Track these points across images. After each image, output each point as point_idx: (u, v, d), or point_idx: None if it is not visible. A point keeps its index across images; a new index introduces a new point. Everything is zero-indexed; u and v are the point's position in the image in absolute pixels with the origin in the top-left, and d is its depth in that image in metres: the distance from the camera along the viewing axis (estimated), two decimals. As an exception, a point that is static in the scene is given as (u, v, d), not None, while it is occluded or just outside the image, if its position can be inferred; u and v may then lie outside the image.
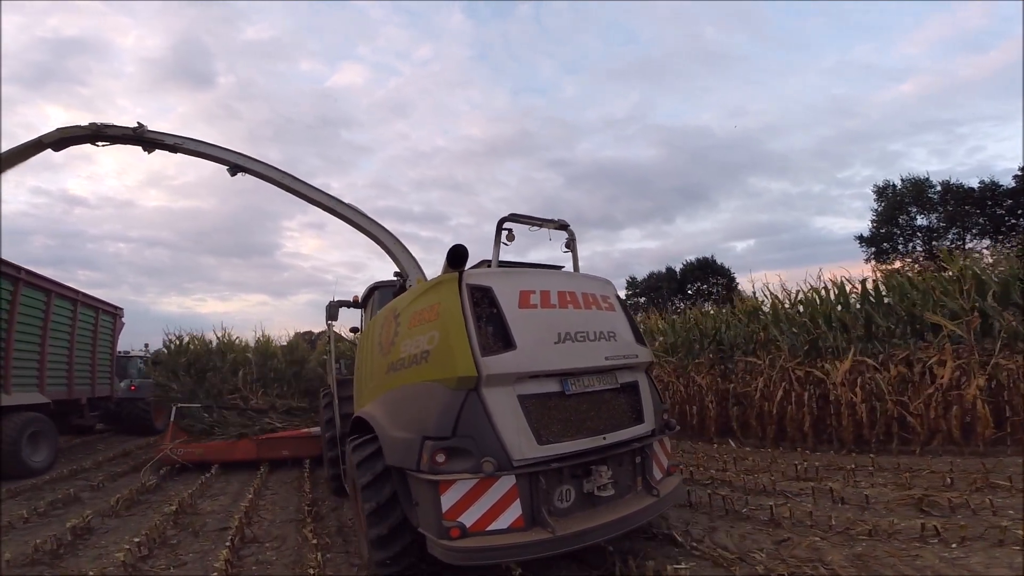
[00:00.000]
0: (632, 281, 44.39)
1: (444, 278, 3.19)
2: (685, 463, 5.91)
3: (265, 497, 5.78)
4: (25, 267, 7.64)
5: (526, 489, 2.75)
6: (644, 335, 4.08)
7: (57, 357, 8.50)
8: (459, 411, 2.72)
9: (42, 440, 7.54)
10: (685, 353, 8.99)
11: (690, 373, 8.46)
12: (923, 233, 31.79)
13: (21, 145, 5.86)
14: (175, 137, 5.99)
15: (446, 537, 2.59)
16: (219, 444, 7.38)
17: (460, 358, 2.78)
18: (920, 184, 31.70)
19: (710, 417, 7.90)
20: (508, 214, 3.74)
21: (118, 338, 10.81)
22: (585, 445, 2.92)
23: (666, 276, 43.37)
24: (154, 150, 6.06)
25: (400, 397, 3.21)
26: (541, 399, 2.91)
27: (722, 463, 5.98)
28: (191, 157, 6.10)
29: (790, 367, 6.97)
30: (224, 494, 6.00)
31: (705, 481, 5.18)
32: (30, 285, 7.78)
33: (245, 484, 6.34)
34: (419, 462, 2.69)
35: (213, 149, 6.00)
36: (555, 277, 3.54)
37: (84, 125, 5.86)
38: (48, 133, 5.85)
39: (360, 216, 5.67)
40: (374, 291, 6.45)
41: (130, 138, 5.94)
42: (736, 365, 8.09)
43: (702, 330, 9.02)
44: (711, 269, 42.37)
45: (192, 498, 5.51)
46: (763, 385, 7.18)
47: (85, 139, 5.97)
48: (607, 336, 3.26)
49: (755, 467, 5.68)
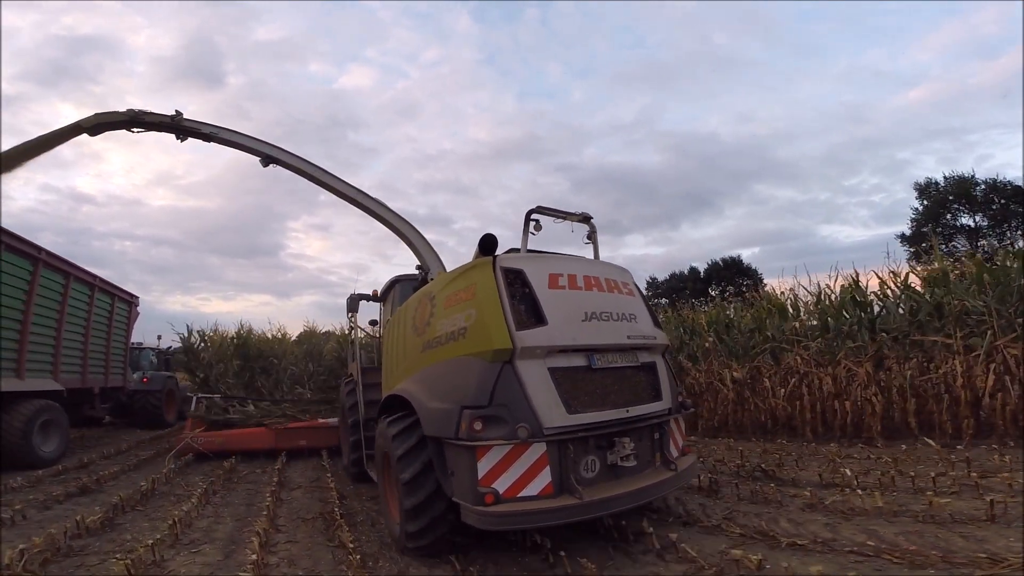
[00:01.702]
0: (652, 282, 44.69)
1: (479, 262, 3.64)
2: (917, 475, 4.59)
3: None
4: (44, 248, 7.82)
5: (555, 457, 3.19)
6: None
7: (72, 343, 8.85)
8: (495, 382, 3.17)
9: (53, 430, 7.63)
10: (834, 338, 7.89)
11: (840, 362, 7.41)
12: (966, 233, 31.80)
13: (59, 129, 6.34)
14: (211, 126, 6.46)
15: (481, 503, 3.01)
16: (238, 433, 7.96)
17: (496, 332, 3.22)
18: (965, 182, 31.71)
19: (872, 414, 6.83)
20: (535, 206, 4.18)
21: (133, 327, 11.31)
22: (610, 416, 3.37)
23: (689, 276, 43.50)
24: (187, 138, 6.54)
25: (437, 372, 3.66)
26: (570, 372, 3.35)
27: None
28: (224, 147, 6.56)
29: (1000, 344, 5.98)
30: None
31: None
32: (49, 267, 7.99)
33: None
34: (457, 430, 3.13)
35: (247, 140, 6.47)
36: (580, 263, 3.99)
37: (122, 111, 6.32)
38: (86, 117, 6.31)
39: (386, 210, 6.16)
40: (395, 284, 6.94)
41: (166, 125, 6.41)
42: (905, 349, 7.08)
43: (859, 308, 7.84)
44: (737, 269, 42.34)
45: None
46: (962, 369, 6.18)
47: (121, 125, 6.43)
48: (628, 317, 3.72)
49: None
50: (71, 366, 8.86)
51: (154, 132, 6.67)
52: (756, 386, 8.44)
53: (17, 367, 7.33)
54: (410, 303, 4.64)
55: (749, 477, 5.27)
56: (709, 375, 9.22)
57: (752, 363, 8.70)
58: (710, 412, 9.09)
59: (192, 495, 5.34)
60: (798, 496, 4.40)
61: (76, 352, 9.07)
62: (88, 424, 10.96)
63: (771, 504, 4.34)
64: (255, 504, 5.20)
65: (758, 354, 8.77)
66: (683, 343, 10.41)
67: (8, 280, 7.15)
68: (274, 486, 5.67)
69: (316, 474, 6.73)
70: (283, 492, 5.68)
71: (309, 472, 6.92)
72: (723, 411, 8.82)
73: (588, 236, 4.52)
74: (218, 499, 5.49)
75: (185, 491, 5.81)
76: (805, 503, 4.21)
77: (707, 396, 9.18)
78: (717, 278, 42.58)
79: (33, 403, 7.31)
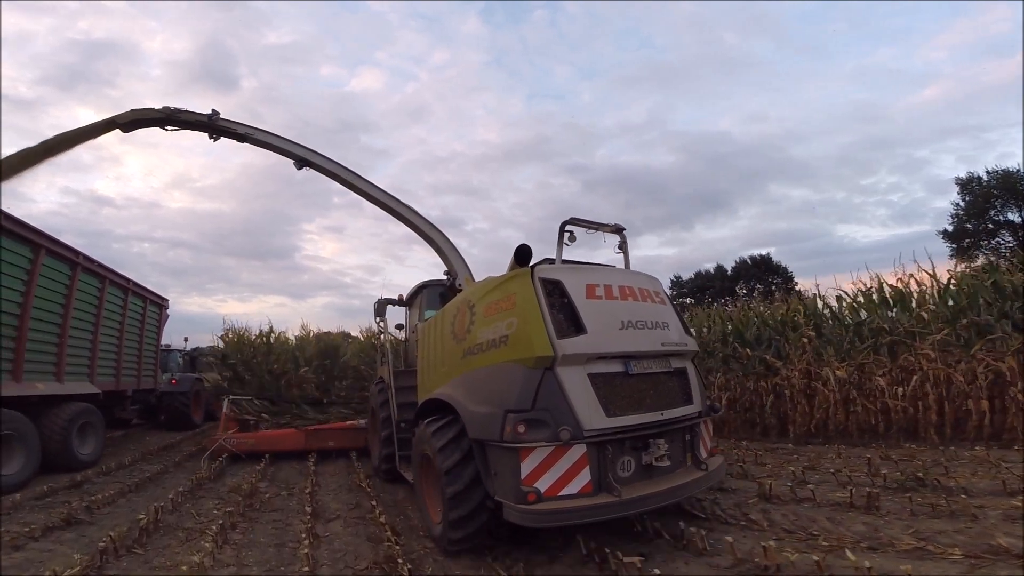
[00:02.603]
0: (677, 280, 44.55)
1: (517, 272, 3.97)
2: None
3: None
4: (82, 252, 8.13)
5: (594, 457, 3.50)
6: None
7: (108, 346, 9.36)
8: (537, 387, 3.49)
9: (91, 432, 7.93)
10: (965, 330, 7.33)
11: (975, 356, 6.90)
12: (1009, 229, 31.28)
13: (94, 123, 6.65)
14: (247, 127, 6.81)
15: (524, 502, 3.32)
16: (270, 434, 8.45)
17: (537, 340, 3.54)
18: (1010, 176, 31.19)
19: (1017, 413, 6.37)
20: (569, 218, 4.48)
21: (163, 330, 11.88)
22: (646, 419, 3.68)
23: (716, 275, 43.18)
24: (220, 138, 6.89)
25: (479, 377, 4.00)
26: (608, 378, 3.66)
27: None
28: (260, 148, 6.88)
29: None
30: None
31: None
32: (87, 271, 8.36)
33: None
34: (502, 433, 3.44)
35: (282, 141, 6.81)
36: (614, 273, 4.31)
37: (158, 108, 6.61)
38: (122, 113, 6.59)
39: (416, 216, 6.52)
40: (422, 290, 7.31)
41: (202, 124, 6.72)
42: None
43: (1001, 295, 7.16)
44: (767, 267, 41.74)
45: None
46: None
47: (156, 122, 6.73)
48: (661, 326, 4.03)
49: None
50: (106, 369, 9.31)
51: (187, 131, 6.93)
52: (864, 385, 7.79)
53: (56, 370, 7.69)
54: (447, 310, 4.98)
55: (900, 488, 4.81)
56: (804, 375, 8.41)
57: (858, 360, 8.01)
58: (804, 416, 8.36)
59: (206, 530, 4.49)
60: (988, 507, 4.05)
61: (111, 355, 9.54)
62: (116, 426, 11.22)
63: (964, 518, 3.88)
64: (286, 544, 4.34)
65: (866, 350, 8.07)
66: (768, 340, 9.49)
67: (47, 284, 7.49)
68: (307, 517, 4.87)
69: (354, 497, 5.88)
70: (319, 524, 4.85)
71: (344, 495, 6.07)
72: (821, 414, 8.14)
73: (619, 246, 4.82)
74: (239, 536, 4.56)
75: (197, 523, 4.93)
76: (1003, 514, 3.88)
77: (799, 399, 8.45)
78: (745, 276, 42.29)
79: (72, 406, 7.62)
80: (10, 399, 6.52)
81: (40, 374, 7.35)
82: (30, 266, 7.04)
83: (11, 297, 6.74)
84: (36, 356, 7.27)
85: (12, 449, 6.36)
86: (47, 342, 7.57)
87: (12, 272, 6.73)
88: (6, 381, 6.59)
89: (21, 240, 6.82)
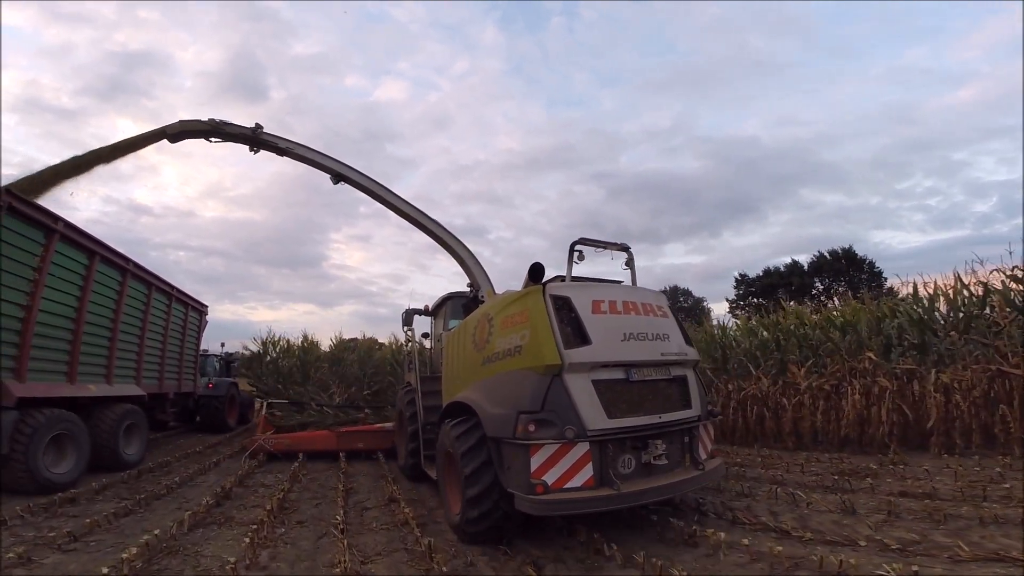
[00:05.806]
0: (742, 278, 43.41)
1: (530, 290, 4.76)
2: None
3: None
4: (132, 259, 8.98)
5: (597, 454, 4.23)
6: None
7: (152, 350, 10.45)
8: (546, 391, 4.25)
9: (135, 433, 8.70)
10: None
11: None
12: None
13: (145, 133, 7.65)
14: (288, 141, 7.75)
15: (533, 492, 4.06)
16: (304, 435, 9.57)
17: (547, 350, 4.31)
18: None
19: None
20: (579, 238, 5.22)
21: (203, 335, 13.14)
22: (645, 421, 4.41)
23: (789, 271, 41.57)
24: (260, 151, 7.83)
25: (496, 383, 4.79)
26: (610, 384, 4.40)
27: None
28: (297, 162, 7.81)
29: None
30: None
31: None
32: (136, 278, 9.24)
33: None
34: (515, 431, 4.20)
35: (320, 157, 7.74)
36: (620, 289, 5.04)
37: (204, 120, 7.51)
38: (171, 124, 7.51)
39: (443, 231, 7.39)
40: (447, 301, 8.17)
41: (246, 137, 7.63)
42: None
43: None
44: (850, 262, 39.45)
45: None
46: None
47: (202, 134, 7.64)
48: (662, 337, 4.74)
49: None
50: (151, 372, 10.37)
51: (230, 143, 7.81)
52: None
53: (107, 372, 8.50)
54: (469, 322, 5.81)
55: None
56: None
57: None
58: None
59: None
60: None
61: (155, 358, 10.63)
62: (155, 428, 11.91)
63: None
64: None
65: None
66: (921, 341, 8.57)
67: (100, 290, 8.34)
68: (342, 540, 4.50)
69: (391, 518, 5.49)
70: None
71: (382, 515, 5.71)
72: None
73: (626, 263, 5.54)
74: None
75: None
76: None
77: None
78: (825, 272, 40.47)
79: (119, 407, 8.41)
80: (63, 400, 7.14)
81: (92, 376, 8.12)
82: (85, 272, 7.82)
83: (68, 302, 7.51)
84: (89, 359, 8.00)
85: (65, 448, 6.94)
86: (99, 345, 8.40)
87: (70, 278, 7.51)
88: (62, 383, 7.27)
89: (78, 247, 7.61)
